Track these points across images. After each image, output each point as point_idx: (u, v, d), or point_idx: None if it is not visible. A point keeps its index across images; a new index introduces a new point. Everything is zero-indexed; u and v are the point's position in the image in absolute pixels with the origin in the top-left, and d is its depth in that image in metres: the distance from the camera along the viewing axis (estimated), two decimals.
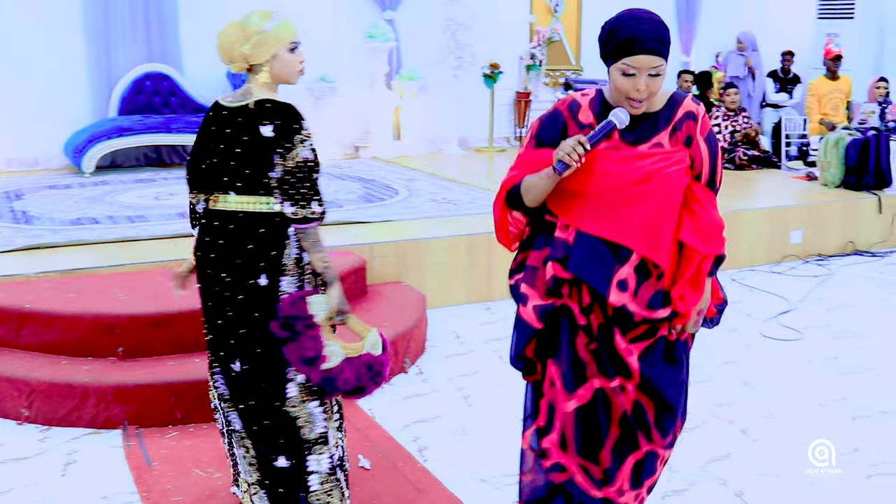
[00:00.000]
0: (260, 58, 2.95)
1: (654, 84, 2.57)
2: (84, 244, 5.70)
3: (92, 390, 4.17)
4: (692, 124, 2.67)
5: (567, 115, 2.71)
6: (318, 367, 2.92)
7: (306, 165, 2.90)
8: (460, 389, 4.70)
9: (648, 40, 2.51)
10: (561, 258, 2.65)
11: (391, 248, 5.86)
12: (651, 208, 2.61)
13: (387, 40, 9.75)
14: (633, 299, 2.63)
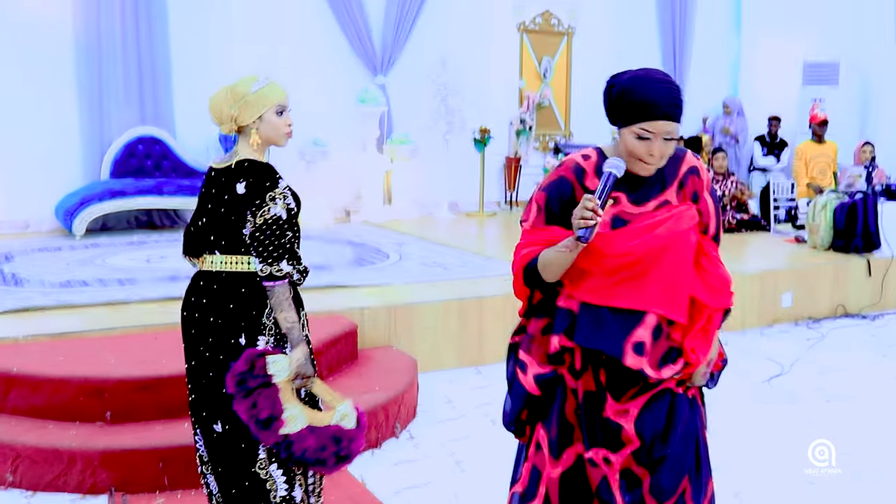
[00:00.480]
0: (247, 119, 2.99)
1: (668, 148, 2.49)
2: (73, 307, 5.67)
3: (79, 455, 4.11)
4: (697, 179, 2.64)
5: (574, 180, 2.61)
6: (274, 429, 2.87)
7: (276, 223, 2.92)
8: (452, 455, 4.65)
9: (666, 105, 2.44)
10: (566, 328, 2.59)
11: (382, 312, 5.84)
12: (669, 269, 2.56)
13: (378, 105, 9.85)
14: (649, 362, 2.56)
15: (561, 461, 2.66)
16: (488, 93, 10.91)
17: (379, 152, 10.11)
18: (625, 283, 2.54)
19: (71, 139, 9.02)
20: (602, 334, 2.54)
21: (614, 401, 2.59)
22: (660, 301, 2.55)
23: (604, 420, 2.60)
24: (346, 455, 3.00)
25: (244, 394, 2.88)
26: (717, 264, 2.66)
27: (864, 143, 9.97)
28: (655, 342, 2.56)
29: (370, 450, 4.63)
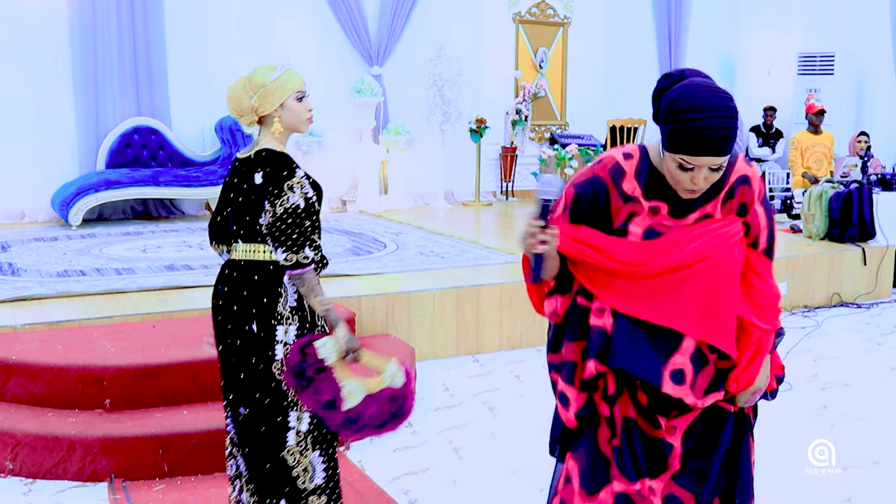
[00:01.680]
0: (268, 108, 3.01)
1: (714, 177, 2.27)
2: (71, 296, 5.68)
3: (78, 443, 4.12)
4: (747, 190, 2.39)
5: (610, 182, 2.40)
6: (339, 409, 2.89)
7: (296, 212, 2.93)
8: (450, 442, 4.67)
9: (716, 140, 2.20)
10: (599, 350, 2.40)
11: (379, 301, 5.85)
12: (708, 288, 2.34)
13: (374, 95, 9.85)
14: (692, 391, 2.36)
15: (597, 500, 2.46)
16: (484, 83, 10.90)
17: (375, 143, 10.11)
18: (660, 295, 2.36)
19: (67, 130, 9.00)
20: (638, 358, 2.35)
21: (664, 418, 2.42)
22: (697, 324, 2.35)
23: (652, 441, 2.43)
24: (402, 413, 3.02)
25: (305, 385, 2.90)
26: (765, 281, 2.43)
27: (859, 133, 9.99)
28: (699, 370, 2.36)
29: (368, 437, 4.64)
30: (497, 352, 6.18)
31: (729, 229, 2.37)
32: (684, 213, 2.37)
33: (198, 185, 8.86)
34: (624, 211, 2.39)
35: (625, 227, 2.39)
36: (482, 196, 10.70)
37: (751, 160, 2.40)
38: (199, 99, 9.32)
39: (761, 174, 9.91)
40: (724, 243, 2.35)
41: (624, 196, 2.38)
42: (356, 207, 9.88)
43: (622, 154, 2.42)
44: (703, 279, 2.34)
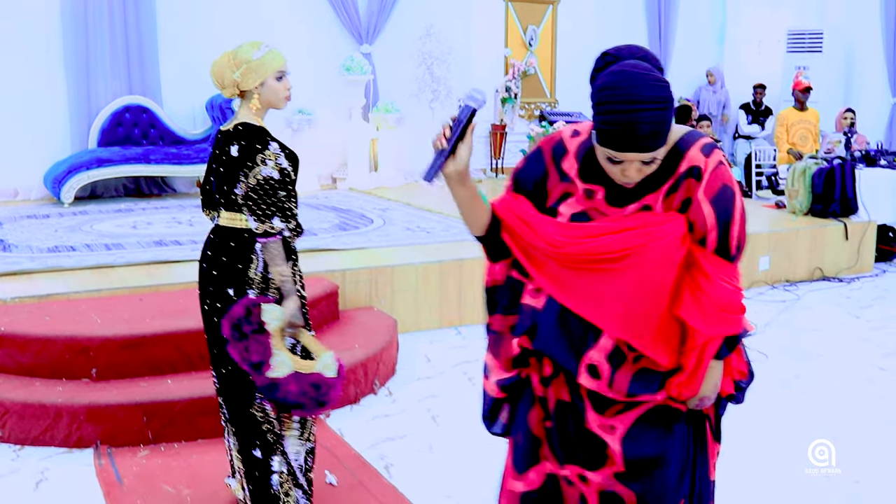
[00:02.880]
0: (249, 84, 3.17)
1: (650, 168, 2.11)
2: (61, 270, 5.78)
3: (65, 410, 4.24)
4: (693, 183, 2.17)
5: (549, 160, 2.29)
6: (262, 372, 3.04)
7: (268, 183, 3.07)
8: (429, 410, 4.79)
9: (643, 136, 2.03)
10: (527, 329, 2.31)
11: (363, 275, 5.96)
12: (632, 287, 2.20)
13: (364, 73, 9.92)
14: (609, 388, 2.25)
15: (525, 479, 2.41)
16: (473, 61, 10.97)
17: (365, 120, 10.19)
18: (584, 284, 2.23)
19: (59, 108, 9.07)
20: (561, 344, 2.26)
21: (597, 413, 2.30)
22: (615, 321, 2.22)
23: (585, 433, 2.31)
24: (324, 401, 3.15)
25: (238, 338, 3.05)
26: (715, 284, 2.20)
27: (845, 109, 10.07)
28: (617, 368, 2.24)
29: (349, 405, 4.77)
30: (479, 324, 6.24)
31: (664, 227, 2.18)
32: (622, 202, 2.21)
33: (188, 163, 8.95)
34: (558, 190, 2.28)
35: (555, 206, 2.28)
36: (472, 173, 10.70)
37: (715, 147, 2.20)
38: (190, 77, 9.38)
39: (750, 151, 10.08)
40: (657, 240, 2.17)
41: (561, 174, 2.27)
42: (346, 185, 9.97)
43: (571, 131, 2.30)
44: (630, 276, 2.19)
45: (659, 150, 2.07)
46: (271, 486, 3.22)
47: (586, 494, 2.34)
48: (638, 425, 2.29)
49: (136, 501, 3.71)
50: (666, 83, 2.09)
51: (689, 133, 2.21)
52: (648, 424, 2.29)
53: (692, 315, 2.21)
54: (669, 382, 2.27)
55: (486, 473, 3.97)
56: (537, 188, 2.29)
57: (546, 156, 2.29)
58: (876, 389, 5.22)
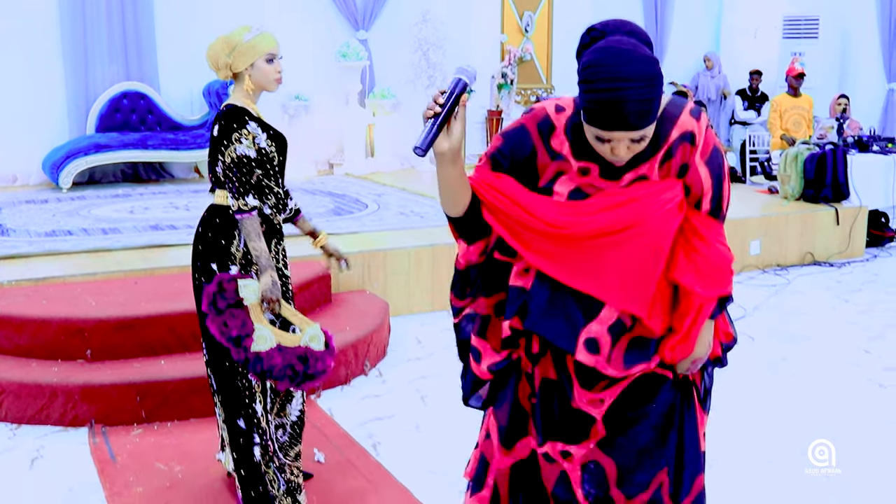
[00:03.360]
0: (240, 66, 3.27)
1: (638, 147, 2.07)
2: (57, 254, 5.87)
3: (60, 390, 4.33)
4: (688, 148, 2.16)
5: (536, 137, 2.20)
6: (245, 347, 3.13)
7: (242, 161, 3.18)
8: (418, 391, 4.88)
9: (630, 114, 1.98)
10: (517, 310, 2.25)
11: (356, 259, 6.03)
12: (632, 256, 2.18)
13: (360, 59, 9.98)
14: (608, 363, 2.22)
15: (513, 452, 2.40)
16: (470, 47, 11.00)
17: (361, 106, 10.26)
18: (581, 258, 2.19)
19: (57, 94, 9.14)
20: (554, 322, 2.22)
21: (585, 390, 2.27)
22: (617, 292, 2.20)
23: (571, 410, 2.29)
24: (312, 374, 3.21)
25: (216, 312, 3.14)
26: (711, 245, 2.24)
27: (839, 95, 10.12)
28: (617, 340, 2.22)
29: (339, 385, 4.85)
30: None
31: (665, 194, 2.17)
32: (618, 174, 2.17)
33: (186, 149, 9.03)
34: (551, 169, 2.22)
35: (550, 186, 2.22)
36: (468, 159, 10.84)
37: (701, 110, 2.20)
38: (187, 63, 9.43)
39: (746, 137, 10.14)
40: (658, 209, 2.16)
41: (552, 153, 2.19)
42: (343, 170, 10.04)
43: (554, 106, 2.21)
44: (631, 247, 2.17)
45: (648, 127, 2.02)
46: (254, 455, 3.31)
47: (568, 471, 2.32)
48: (624, 395, 2.27)
49: (130, 478, 3.80)
50: (653, 59, 2.03)
51: (671, 100, 2.19)
52: (635, 391, 2.28)
53: (689, 277, 2.22)
54: (662, 346, 2.26)
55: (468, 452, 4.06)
56: (524, 167, 2.21)
57: (532, 133, 2.20)
58: (861, 371, 5.30)
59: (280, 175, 3.35)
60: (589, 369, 2.23)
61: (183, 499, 3.62)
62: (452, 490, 3.70)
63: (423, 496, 3.65)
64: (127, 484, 3.74)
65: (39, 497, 3.67)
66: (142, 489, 3.70)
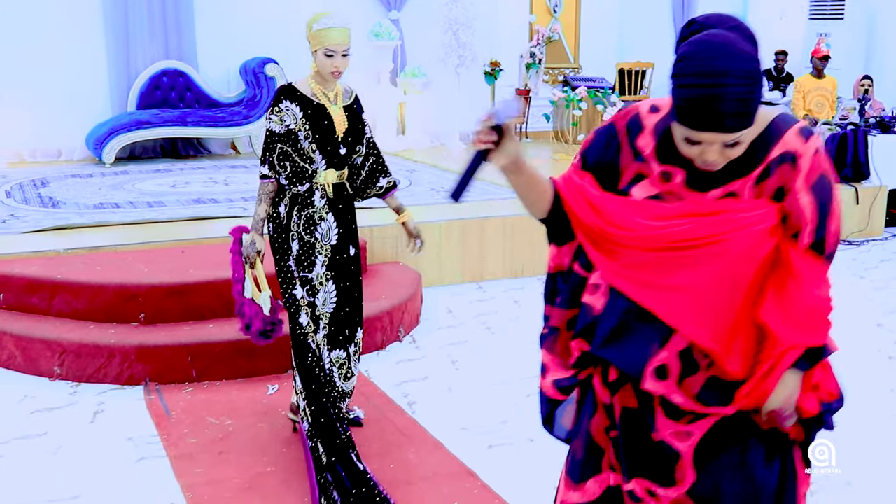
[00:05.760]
0: (311, 48, 3.67)
1: (733, 152, 1.89)
2: (108, 225, 6.20)
3: (117, 351, 4.65)
4: (789, 170, 1.95)
5: (623, 135, 2.07)
6: (237, 291, 3.69)
7: (268, 134, 3.63)
8: (449, 356, 5.16)
9: (723, 115, 1.80)
10: (584, 329, 2.11)
11: (390, 231, 6.31)
12: (709, 279, 1.98)
13: (392, 39, 10.23)
14: (678, 389, 2.04)
15: (583, 490, 2.22)
16: (499, 27, 11.24)
17: (393, 85, 10.52)
18: (656, 275, 2.02)
19: (99, 72, 9.47)
20: (623, 347, 2.05)
21: (671, 420, 2.08)
22: (688, 319, 2.00)
23: (655, 444, 2.10)
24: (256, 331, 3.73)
25: (237, 258, 3.70)
26: (803, 285, 1.99)
27: (862, 77, 10.26)
28: (689, 370, 2.03)
29: (375, 350, 5.15)
30: (499, 279, 6.65)
31: (753, 215, 1.95)
32: (705, 186, 1.99)
33: (224, 126, 9.34)
34: (631, 170, 2.07)
35: (627, 189, 2.08)
36: None
37: (813, 131, 1.99)
38: (225, 42, 9.75)
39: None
40: (742, 228, 1.95)
41: (635, 153, 2.06)
42: None
43: (649, 106, 2.08)
44: (706, 268, 1.98)
45: (743, 131, 1.85)
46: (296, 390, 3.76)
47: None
48: (714, 434, 2.07)
49: (184, 430, 4.11)
50: (754, 57, 1.85)
51: (782, 115, 1.99)
52: (724, 435, 2.07)
53: (774, 319, 1.99)
54: (738, 392, 2.04)
55: (498, 411, 4.38)
56: (608, 167, 2.09)
57: (620, 132, 2.08)
58: (872, 344, 5.53)
59: (322, 151, 3.66)
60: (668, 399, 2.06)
61: (234, 448, 3.93)
62: (482, 444, 4.00)
63: (456, 450, 3.93)
64: (182, 435, 4.06)
65: (103, 446, 3.99)
66: (196, 440, 4.02)
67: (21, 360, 4.76)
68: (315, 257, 3.72)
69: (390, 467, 3.75)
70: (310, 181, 3.69)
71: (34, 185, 7.74)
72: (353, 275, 3.89)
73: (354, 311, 3.90)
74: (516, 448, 3.98)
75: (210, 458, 3.84)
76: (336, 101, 3.75)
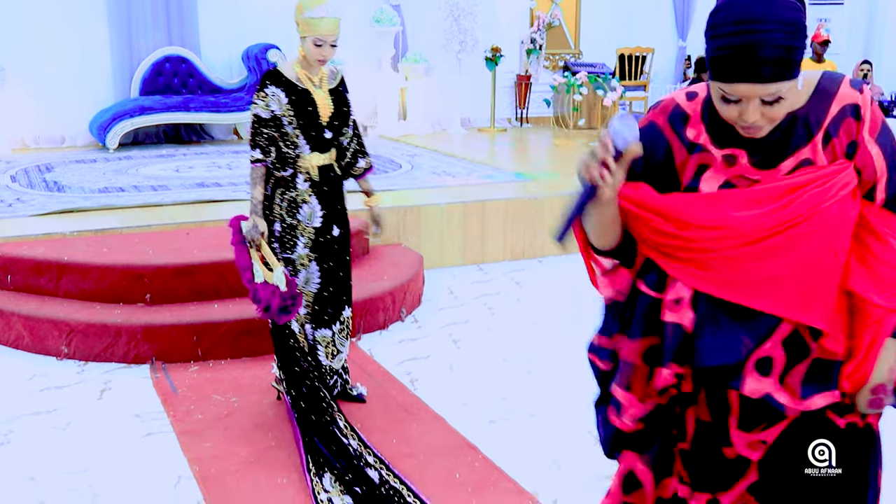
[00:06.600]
0: (299, 33, 3.70)
1: (774, 111, 1.74)
2: (113, 208, 6.27)
3: (124, 330, 4.73)
4: (853, 123, 1.81)
5: (669, 130, 1.92)
6: (246, 279, 3.66)
7: (254, 119, 3.70)
8: (450, 335, 5.24)
9: (758, 62, 1.67)
10: (677, 351, 1.92)
11: (392, 214, 6.37)
12: (807, 259, 1.82)
13: (393, 25, 10.28)
14: (781, 386, 1.87)
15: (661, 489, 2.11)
16: (499, 13, 11.29)
17: (394, 70, 10.58)
18: (744, 268, 1.85)
19: (102, 59, 9.53)
20: (720, 347, 1.88)
21: (744, 432, 1.94)
22: (792, 302, 1.84)
23: (726, 458, 1.98)
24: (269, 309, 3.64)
25: (239, 245, 3.72)
26: (888, 244, 1.86)
27: (862, 61, 10.32)
28: (795, 359, 1.87)
29: (378, 330, 5.23)
30: (500, 262, 6.72)
31: (837, 180, 1.80)
32: (773, 161, 1.84)
33: (226, 111, 9.40)
34: (691, 164, 1.90)
35: (695, 184, 1.90)
36: (497, 122, 11.15)
37: (862, 83, 1.86)
38: (227, 28, 9.82)
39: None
40: (831, 199, 1.80)
41: (689, 145, 1.90)
42: (376, 132, 10.38)
43: (685, 94, 1.94)
44: (804, 248, 1.82)
45: (782, 84, 1.69)
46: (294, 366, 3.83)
47: None
48: (789, 435, 1.93)
49: (191, 407, 4.19)
50: (797, 5, 1.71)
51: (827, 73, 1.87)
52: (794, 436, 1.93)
53: (862, 284, 1.85)
54: (841, 374, 1.89)
55: (499, 388, 4.45)
56: (662, 169, 1.92)
57: (664, 128, 1.93)
58: None
59: (306, 136, 3.73)
60: (752, 405, 1.91)
61: (239, 424, 4.00)
62: (483, 419, 4.07)
63: (457, 425, 4.01)
64: (188, 412, 4.14)
65: (110, 421, 4.07)
66: (202, 416, 4.10)
67: (29, 340, 4.84)
68: (297, 239, 3.81)
69: (393, 441, 3.82)
70: (293, 166, 3.76)
71: (39, 171, 7.81)
72: (339, 255, 3.97)
73: (340, 291, 3.98)
74: (517, 423, 4.05)
75: (216, 434, 3.92)
76: (321, 85, 3.81)
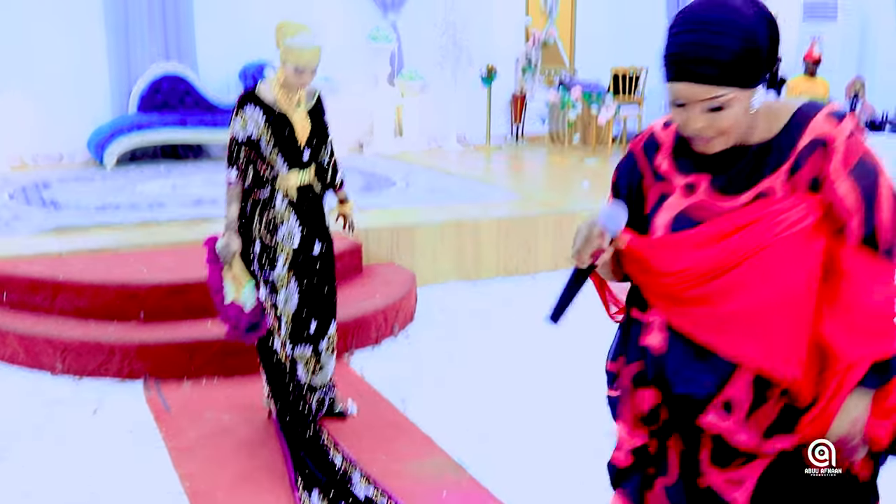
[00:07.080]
0: (280, 56, 3.73)
1: (721, 121, 1.70)
2: (109, 227, 6.33)
3: (117, 348, 4.78)
4: (821, 157, 1.72)
5: (642, 158, 1.92)
6: (219, 300, 3.76)
7: (231, 139, 3.77)
8: (443, 352, 5.28)
9: (691, 61, 1.66)
10: (654, 375, 1.90)
11: (385, 232, 6.44)
12: (763, 299, 1.75)
13: (389, 42, 10.37)
14: (744, 425, 1.81)
15: None
16: (495, 30, 11.39)
17: (390, 87, 10.65)
18: (706, 309, 1.80)
19: (100, 76, 9.62)
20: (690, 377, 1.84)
21: (718, 467, 1.88)
22: (751, 348, 1.77)
23: (704, 491, 1.90)
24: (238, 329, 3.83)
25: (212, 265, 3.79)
26: (858, 287, 1.74)
27: (855, 78, 10.40)
28: (762, 405, 1.81)
29: (370, 346, 5.27)
30: (493, 278, 6.78)
31: (792, 213, 1.73)
32: (734, 188, 1.78)
33: (223, 129, 9.47)
34: (654, 192, 1.90)
35: (652, 214, 1.88)
36: (493, 139, 11.23)
37: (846, 114, 1.77)
38: (225, 46, 9.90)
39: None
40: (783, 231, 1.73)
41: (655, 174, 1.89)
42: (372, 150, 10.45)
43: (663, 123, 1.92)
44: (759, 286, 1.74)
45: (723, 90, 1.66)
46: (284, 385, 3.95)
47: None
48: (769, 478, 1.85)
49: (183, 424, 4.24)
50: (746, 13, 1.69)
51: (808, 103, 1.79)
52: (783, 476, 1.86)
53: (830, 330, 1.75)
54: (801, 421, 1.81)
55: (490, 406, 4.49)
56: (636, 196, 1.92)
57: (638, 157, 1.93)
58: None
59: (284, 157, 3.77)
60: (722, 441, 1.85)
61: (230, 441, 4.05)
62: (472, 438, 4.11)
63: (446, 443, 4.05)
64: (181, 429, 4.18)
65: (104, 437, 4.12)
66: (194, 433, 4.14)
67: (24, 357, 4.89)
68: (276, 259, 3.84)
69: (381, 458, 3.87)
70: (271, 186, 3.80)
71: (36, 188, 7.87)
72: (321, 272, 3.98)
73: (324, 307, 4.02)
74: (506, 443, 4.09)
75: (208, 451, 3.97)
76: (299, 104, 3.85)
